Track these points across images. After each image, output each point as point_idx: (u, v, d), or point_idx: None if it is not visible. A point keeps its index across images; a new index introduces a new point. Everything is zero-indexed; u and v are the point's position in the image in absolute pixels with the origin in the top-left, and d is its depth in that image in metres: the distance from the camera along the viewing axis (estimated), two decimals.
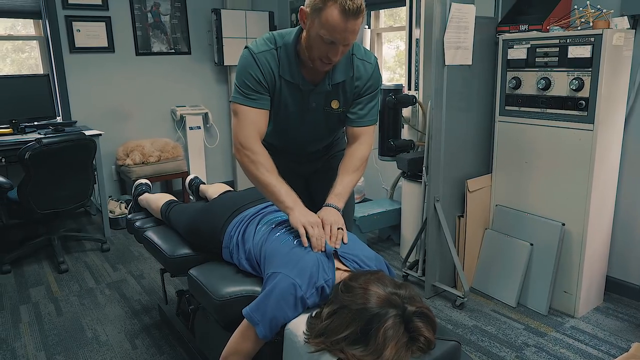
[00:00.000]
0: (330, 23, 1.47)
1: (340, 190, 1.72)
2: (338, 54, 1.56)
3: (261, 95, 1.68)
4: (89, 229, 4.13)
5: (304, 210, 1.59)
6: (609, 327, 2.46)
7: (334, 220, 1.58)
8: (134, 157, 4.18)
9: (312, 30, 1.54)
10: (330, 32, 1.49)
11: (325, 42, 1.52)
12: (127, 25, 4.39)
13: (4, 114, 3.66)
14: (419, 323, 1.17)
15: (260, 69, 1.65)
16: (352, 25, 1.49)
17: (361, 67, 1.74)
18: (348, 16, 1.46)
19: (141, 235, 2.24)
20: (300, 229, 1.52)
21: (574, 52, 2.31)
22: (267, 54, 1.66)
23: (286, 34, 1.69)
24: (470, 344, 2.35)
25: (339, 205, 1.68)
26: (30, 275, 3.21)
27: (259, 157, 1.65)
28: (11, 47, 4.22)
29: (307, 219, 1.54)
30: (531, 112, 2.56)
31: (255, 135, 1.67)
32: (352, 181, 1.77)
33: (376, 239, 3.78)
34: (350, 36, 1.52)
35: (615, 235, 2.68)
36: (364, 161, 1.81)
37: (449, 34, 2.50)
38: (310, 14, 1.52)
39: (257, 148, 1.66)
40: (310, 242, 1.49)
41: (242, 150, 1.66)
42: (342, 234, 1.56)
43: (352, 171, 1.77)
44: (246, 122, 1.67)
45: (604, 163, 2.42)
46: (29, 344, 2.41)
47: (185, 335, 2.27)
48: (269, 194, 1.65)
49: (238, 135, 1.67)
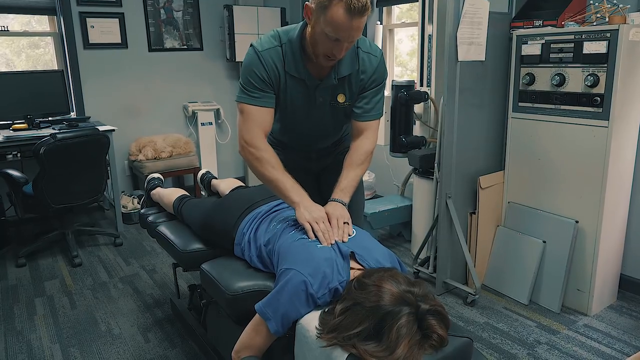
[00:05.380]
0: (336, 21, 1.47)
1: (346, 185, 1.73)
2: (342, 50, 1.57)
3: (265, 93, 1.68)
4: (102, 223, 4.17)
5: (310, 204, 1.61)
6: (623, 325, 2.44)
7: (340, 215, 1.59)
8: (147, 152, 4.22)
9: (317, 27, 1.54)
10: (335, 30, 1.49)
11: (330, 39, 1.52)
12: (140, 22, 4.41)
13: (19, 109, 3.71)
14: (432, 321, 1.17)
15: (264, 67, 1.66)
16: (357, 23, 1.49)
17: (366, 60, 1.73)
18: (353, 14, 1.46)
19: (154, 230, 2.26)
20: (306, 225, 1.54)
21: (590, 48, 2.28)
22: (272, 51, 1.67)
23: (290, 30, 1.69)
24: (481, 341, 2.34)
25: (344, 199, 1.69)
26: (45, 269, 3.25)
27: (263, 154, 1.67)
28: (26, 43, 4.27)
29: (312, 215, 1.56)
30: (545, 108, 2.53)
31: (260, 133, 1.69)
32: (358, 175, 1.78)
33: (387, 236, 3.78)
34: (355, 34, 1.52)
35: (630, 233, 2.65)
36: (368, 155, 1.82)
37: (462, 29, 2.48)
38: (316, 10, 1.52)
39: (261, 145, 1.68)
40: (317, 237, 1.50)
41: (247, 148, 1.68)
42: (348, 228, 1.57)
43: (357, 165, 1.78)
44: (250, 120, 1.68)
45: (618, 160, 2.39)
46: (44, 337, 2.45)
47: (197, 329, 2.28)
48: (275, 189, 1.68)
49: (243, 133, 1.69)
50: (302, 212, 1.57)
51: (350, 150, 1.83)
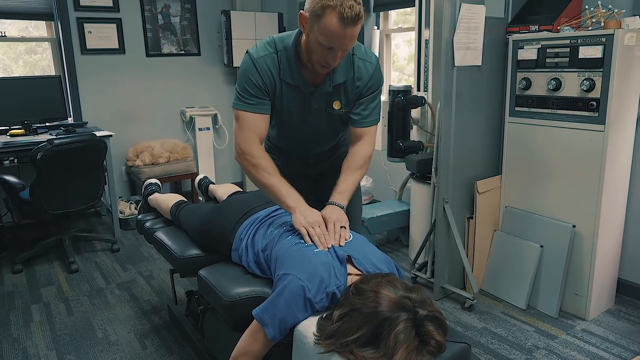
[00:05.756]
0: (329, 30, 1.48)
1: (344, 189, 1.74)
2: (337, 59, 1.58)
3: (260, 100, 1.69)
4: (99, 229, 4.16)
5: (306, 208, 1.62)
6: (621, 330, 2.44)
7: (337, 218, 1.60)
8: (144, 158, 4.21)
9: (311, 35, 1.55)
10: (329, 39, 1.50)
11: (324, 47, 1.53)
12: (138, 27, 4.42)
13: (16, 115, 3.70)
14: (430, 327, 1.17)
15: (259, 73, 1.67)
16: (350, 32, 1.50)
17: (362, 67, 1.74)
18: (347, 23, 1.47)
19: (151, 235, 2.26)
20: (302, 230, 1.54)
21: (585, 53, 2.29)
22: (267, 58, 1.68)
23: (286, 37, 1.70)
24: (479, 346, 2.33)
25: (342, 203, 1.70)
26: (42, 275, 3.24)
27: (259, 161, 1.68)
28: (24, 48, 4.27)
29: (307, 219, 1.57)
30: (541, 113, 2.54)
31: (255, 140, 1.70)
32: (356, 179, 1.79)
33: (385, 241, 3.77)
34: (349, 42, 1.53)
35: (627, 237, 2.66)
36: (367, 160, 1.83)
37: (458, 34, 2.49)
38: (310, 19, 1.53)
39: (257, 152, 1.69)
40: (314, 241, 1.50)
41: (243, 155, 1.70)
42: (345, 232, 1.58)
43: (355, 169, 1.79)
44: (246, 127, 1.70)
45: (615, 164, 2.40)
46: (40, 343, 2.44)
47: (194, 335, 2.27)
48: (271, 194, 1.69)
49: (238, 140, 1.71)
50: (298, 217, 1.58)
51: (348, 155, 1.84)
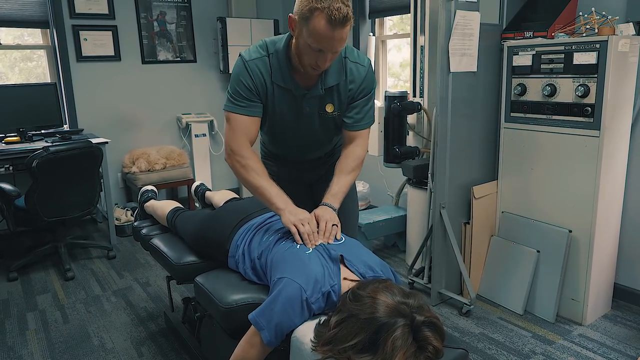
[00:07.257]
0: (318, 32, 1.49)
1: (337, 191, 1.75)
2: (327, 61, 1.59)
3: (252, 102, 1.72)
4: (95, 236, 4.14)
5: (294, 209, 1.63)
6: (618, 335, 2.44)
7: (329, 218, 1.62)
8: (140, 164, 4.20)
9: (300, 38, 1.56)
10: (318, 41, 1.51)
11: (314, 50, 1.55)
12: (134, 34, 4.42)
13: (12, 122, 3.69)
14: (427, 333, 1.16)
15: (251, 76, 1.69)
16: (339, 34, 1.51)
17: (354, 70, 1.75)
18: (335, 25, 1.48)
19: (147, 242, 2.25)
20: (291, 228, 1.56)
21: (580, 59, 2.31)
22: (259, 61, 1.69)
23: (278, 41, 1.71)
24: (477, 351, 2.33)
25: (334, 204, 1.71)
26: (37, 283, 3.22)
27: (249, 162, 1.71)
28: (19, 56, 4.26)
29: (297, 217, 1.58)
30: (537, 118, 2.55)
31: (246, 142, 1.73)
32: (349, 182, 1.80)
33: (381, 246, 3.77)
34: (338, 44, 1.54)
35: (623, 242, 2.66)
36: (360, 161, 1.84)
37: (453, 40, 2.50)
38: (298, 22, 1.54)
39: (247, 153, 1.72)
40: (302, 239, 1.51)
41: (233, 156, 1.73)
42: (336, 230, 1.60)
43: (348, 172, 1.80)
44: (237, 129, 1.73)
45: (610, 169, 2.41)
46: (36, 352, 2.42)
47: (191, 342, 2.26)
48: (260, 196, 1.71)
49: (229, 141, 1.74)
50: (288, 216, 1.60)
51: (341, 157, 1.85)
